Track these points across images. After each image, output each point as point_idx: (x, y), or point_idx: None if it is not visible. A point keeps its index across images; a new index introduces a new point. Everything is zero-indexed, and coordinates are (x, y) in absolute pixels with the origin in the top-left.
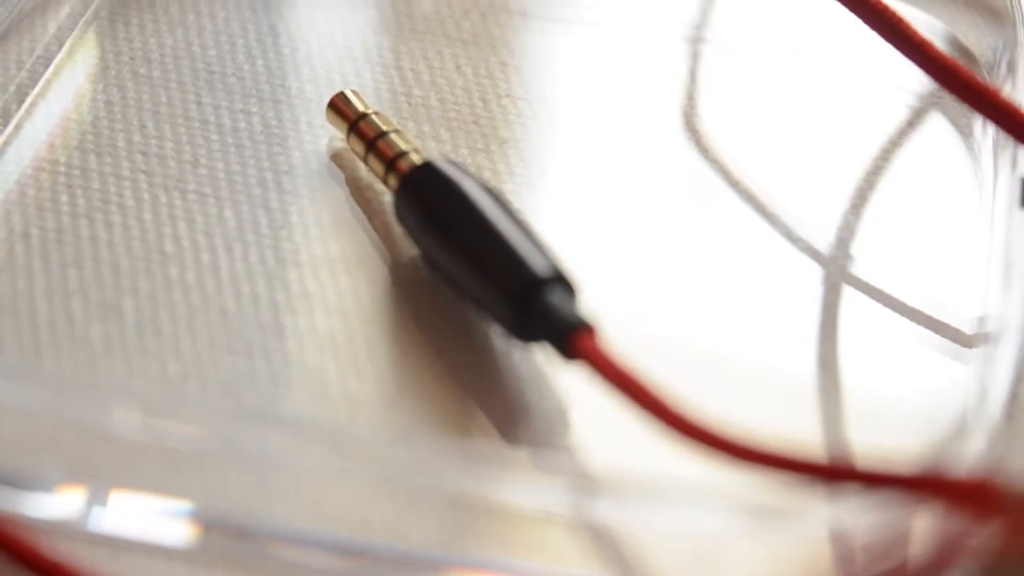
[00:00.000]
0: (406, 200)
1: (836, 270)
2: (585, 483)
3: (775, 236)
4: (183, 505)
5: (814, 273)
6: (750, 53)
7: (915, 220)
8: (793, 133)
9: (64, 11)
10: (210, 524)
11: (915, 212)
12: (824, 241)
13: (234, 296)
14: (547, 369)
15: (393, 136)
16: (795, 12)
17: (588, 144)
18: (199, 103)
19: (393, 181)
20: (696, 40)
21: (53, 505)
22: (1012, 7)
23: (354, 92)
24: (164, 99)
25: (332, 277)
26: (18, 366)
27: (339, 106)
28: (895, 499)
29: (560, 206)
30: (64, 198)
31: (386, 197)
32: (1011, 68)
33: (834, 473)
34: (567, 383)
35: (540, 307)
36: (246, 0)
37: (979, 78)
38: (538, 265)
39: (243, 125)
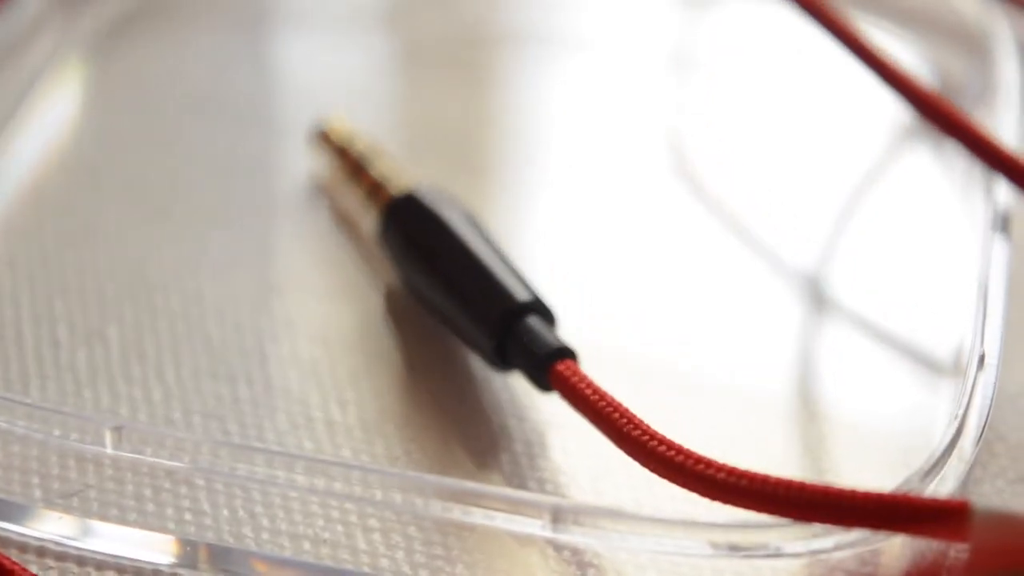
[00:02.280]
0: (388, 228)
1: (815, 297)
2: (563, 510)
3: (755, 262)
4: (167, 528)
5: (794, 299)
6: (734, 76)
7: (896, 247)
8: (774, 158)
9: (51, 38)
10: (193, 548)
11: (896, 239)
12: (803, 267)
13: (218, 323)
14: (526, 395)
15: (377, 163)
16: (778, 35)
17: (573, 169)
18: (185, 129)
19: (376, 209)
20: (680, 65)
21: (38, 529)
22: (989, 33)
23: (340, 119)
24: (150, 126)
25: (315, 304)
26: (3, 392)
27: (325, 133)
28: (869, 526)
29: (545, 232)
30: (50, 225)
31: (370, 224)
32: (987, 94)
33: (809, 502)
34: (546, 409)
35: (518, 335)
36: (233, 27)
37: (953, 105)
38: (517, 293)
39: (229, 152)
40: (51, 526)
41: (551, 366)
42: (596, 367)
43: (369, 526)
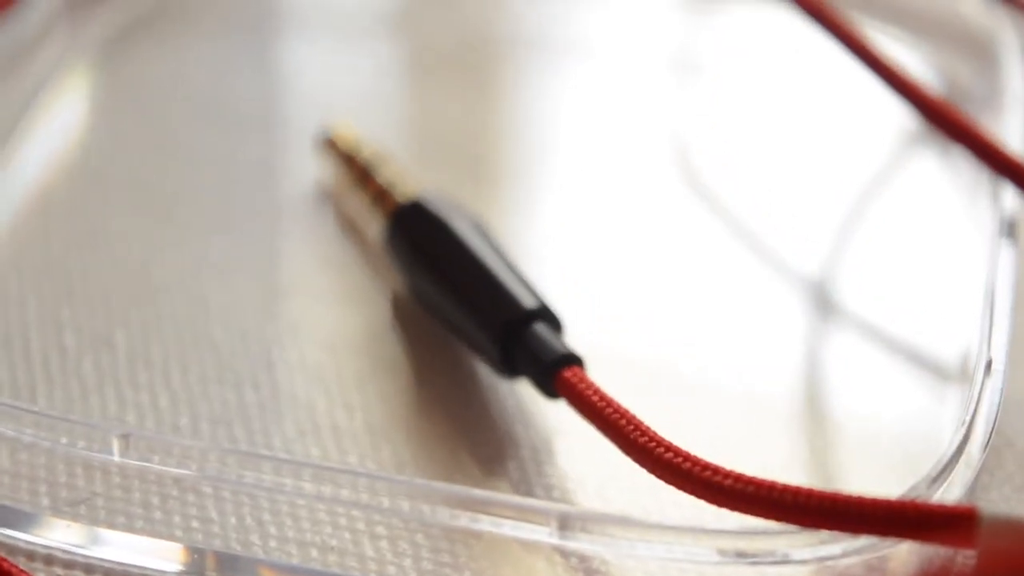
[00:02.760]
0: (395, 234)
1: (822, 302)
2: (570, 517)
3: (761, 267)
4: (174, 536)
5: (800, 305)
6: (739, 82)
7: (903, 252)
8: (780, 163)
9: (58, 43)
10: (201, 555)
11: (903, 244)
12: (810, 272)
13: (224, 329)
14: (533, 402)
15: (384, 169)
16: (783, 41)
17: (579, 175)
18: (191, 134)
19: (383, 215)
20: (685, 70)
21: (46, 536)
22: (997, 40)
23: (346, 125)
24: (156, 131)
25: (321, 310)
26: (10, 399)
27: (331, 139)
28: (876, 533)
29: (552, 237)
30: (56, 230)
31: (376, 230)
32: (993, 99)
33: (816, 509)
34: (553, 416)
35: (524, 342)
36: (239, 32)
37: (959, 110)
38: (523, 300)
39: (235, 157)
40: (59, 534)
41: (557, 373)
42: (603, 371)
43: (376, 533)
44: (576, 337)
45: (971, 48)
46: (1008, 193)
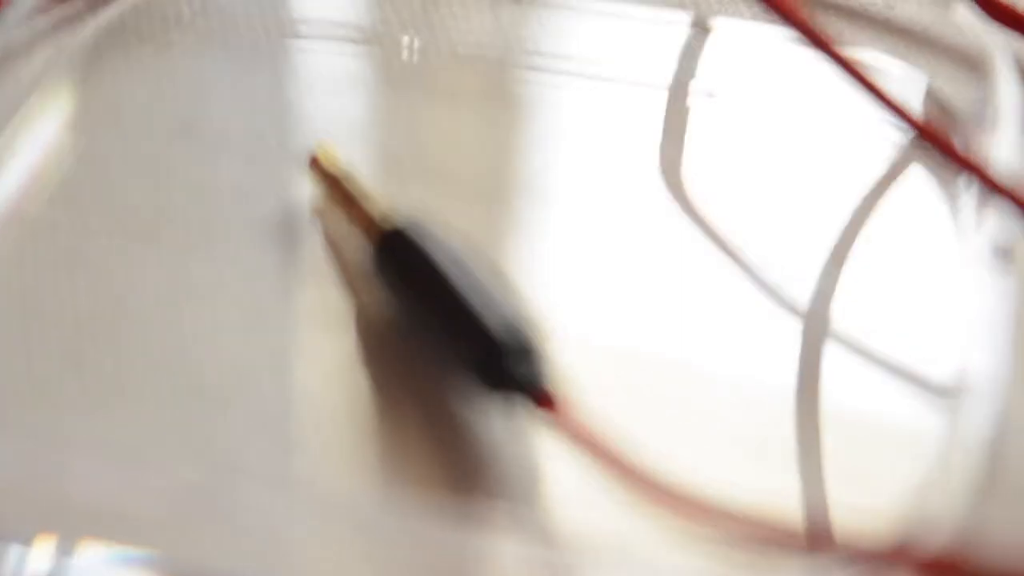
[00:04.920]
0: (380, 260)
1: (815, 324)
2: (555, 541)
3: (755, 290)
4: (152, 558)
5: (793, 327)
6: (734, 103)
7: (896, 273)
8: (775, 185)
9: (38, 61)
10: None
11: (896, 265)
12: (804, 294)
13: (202, 350)
14: (518, 427)
15: (369, 193)
16: (778, 65)
17: (569, 198)
18: (172, 156)
19: (367, 239)
20: (679, 93)
21: (22, 559)
22: (991, 59)
23: (331, 147)
24: (136, 151)
25: (302, 331)
26: None
27: (316, 161)
28: (869, 569)
29: (539, 261)
30: (33, 251)
31: (360, 254)
32: (989, 120)
33: (807, 542)
34: (538, 441)
35: (505, 373)
36: (221, 52)
37: (954, 130)
38: (503, 332)
39: (216, 179)
40: (34, 557)
41: (539, 402)
42: (599, 390)
43: (357, 554)
44: (569, 356)
45: (964, 66)
46: (1002, 213)
